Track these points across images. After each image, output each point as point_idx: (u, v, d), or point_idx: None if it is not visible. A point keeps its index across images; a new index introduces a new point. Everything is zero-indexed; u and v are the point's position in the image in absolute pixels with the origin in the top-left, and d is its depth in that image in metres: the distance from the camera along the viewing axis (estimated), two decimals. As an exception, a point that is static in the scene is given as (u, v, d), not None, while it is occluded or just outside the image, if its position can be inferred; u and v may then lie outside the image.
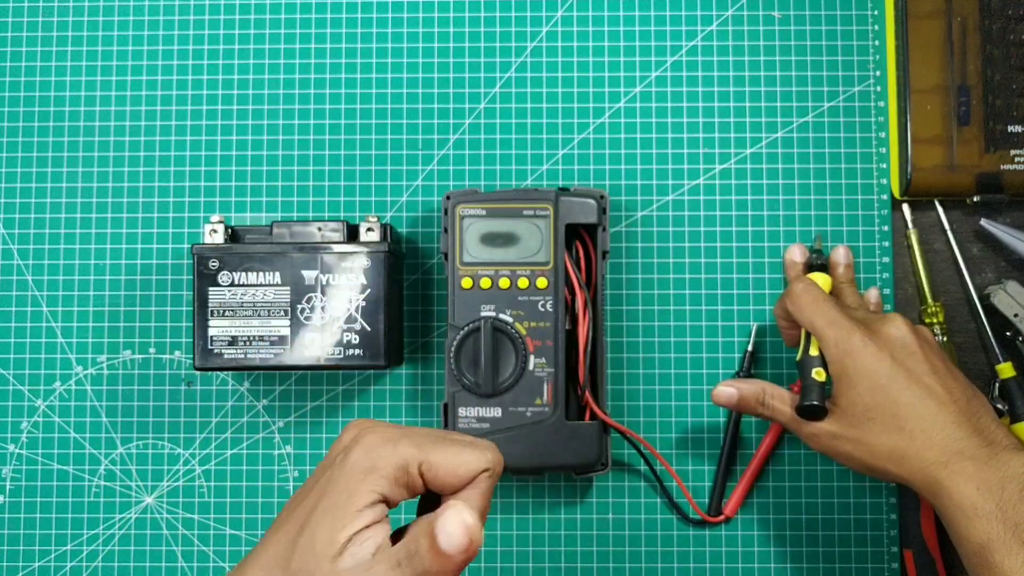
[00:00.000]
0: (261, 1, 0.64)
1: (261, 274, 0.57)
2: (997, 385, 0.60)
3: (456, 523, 0.35)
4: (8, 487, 0.62)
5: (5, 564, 0.62)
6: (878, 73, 0.63)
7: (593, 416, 0.58)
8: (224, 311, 0.57)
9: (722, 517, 0.61)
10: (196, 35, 0.64)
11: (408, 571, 0.35)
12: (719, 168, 0.63)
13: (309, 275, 0.57)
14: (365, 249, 0.57)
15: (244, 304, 0.57)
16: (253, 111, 0.64)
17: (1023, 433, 0.59)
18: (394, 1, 0.64)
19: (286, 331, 0.57)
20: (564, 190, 0.58)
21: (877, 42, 0.63)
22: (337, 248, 0.57)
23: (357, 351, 0.57)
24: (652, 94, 0.63)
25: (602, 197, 0.58)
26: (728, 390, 0.56)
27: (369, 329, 0.57)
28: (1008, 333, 0.60)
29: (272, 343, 0.57)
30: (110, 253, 0.63)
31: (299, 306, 0.57)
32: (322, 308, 0.57)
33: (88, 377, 0.63)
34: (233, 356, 0.57)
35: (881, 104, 0.63)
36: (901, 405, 0.50)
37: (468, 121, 0.63)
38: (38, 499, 0.62)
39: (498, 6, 0.64)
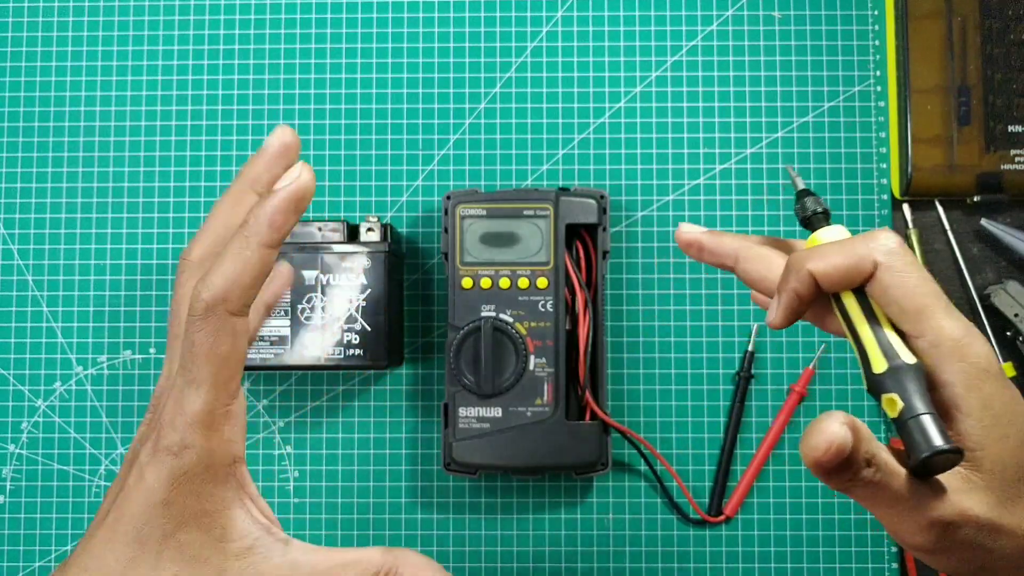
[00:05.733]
0: (261, 1, 0.64)
1: None
2: (997, 385, 0.60)
3: None
4: (8, 487, 0.62)
5: (5, 564, 0.62)
6: (878, 73, 0.63)
7: (593, 416, 0.58)
8: None
9: (722, 517, 0.61)
10: (196, 35, 0.64)
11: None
12: (719, 168, 0.63)
13: (309, 275, 0.57)
14: (365, 249, 0.57)
15: None
16: (253, 111, 0.64)
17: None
18: (394, 1, 0.64)
19: (286, 331, 0.57)
20: (564, 190, 0.58)
21: (877, 42, 0.63)
22: (337, 248, 0.57)
23: (357, 351, 0.57)
24: (652, 94, 0.63)
25: (602, 197, 0.59)
26: (841, 431, 0.29)
27: (370, 329, 0.57)
28: (1008, 333, 0.60)
29: (272, 343, 0.57)
30: (110, 253, 0.63)
31: (299, 306, 0.57)
32: (322, 308, 0.57)
33: (88, 377, 0.63)
34: None
35: (881, 104, 0.63)
36: None
37: (468, 121, 0.63)
38: (38, 499, 0.62)
39: (498, 6, 0.64)
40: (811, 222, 0.37)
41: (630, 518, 0.61)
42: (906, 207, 0.62)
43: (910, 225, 0.62)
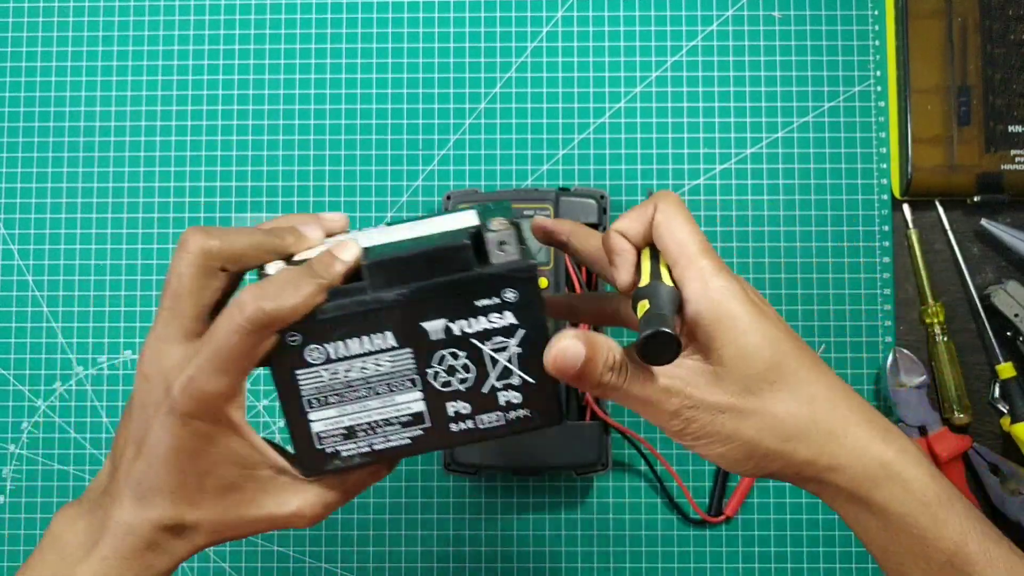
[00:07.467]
0: (262, 2, 0.64)
1: (366, 339, 0.39)
2: (997, 385, 0.60)
3: None
4: (8, 487, 0.62)
5: (5, 564, 0.62)
6: (878, 73, 0.63)
7: (593, 416, 0.58)
8: (327, 397, 0.40)
9: (722, 517, 0.61)
10: (196, 36, 0.64)
11: None
12: (719, 168, 0.63)
13: (435, 326, 0.39)
14: (506, 275, 0.38)
15: (352, 383, 0.40)
16: (253, 111, 0.64)
17: (1023, 433, 0.59)
18: (394, 1, 0.64)
19: (420, 406, 0.40)
20: (564, 190, 0.58)
21: (877, 42, 0.63)
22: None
23: (523, 412, 0.41)
24: (652, 94, 0.63)
25: (602, 197, 0.59)
26: (575, 345, 0.36)
27: (533, 381, 0.40)
28: (1008, 333, 0.60)
29: (404, 424, 0.41)
30: (110, 253, 0.63)
31: (428, 370, 0.40)
32: (463, 367, 0.40)
33: (88, 377, 0.63)
34: (356, 451, 0.41)
35: (881, 104, 0.63)
36: (805, 368, 0.37)
37: (468, 121, 0.63)
38: (38, 499, 0.62)
39: (498, 6, 0.64)
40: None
41: (630, 518, 0.61)
42: (906, 207, 0.62)
43: (910, 225, 0.62)
